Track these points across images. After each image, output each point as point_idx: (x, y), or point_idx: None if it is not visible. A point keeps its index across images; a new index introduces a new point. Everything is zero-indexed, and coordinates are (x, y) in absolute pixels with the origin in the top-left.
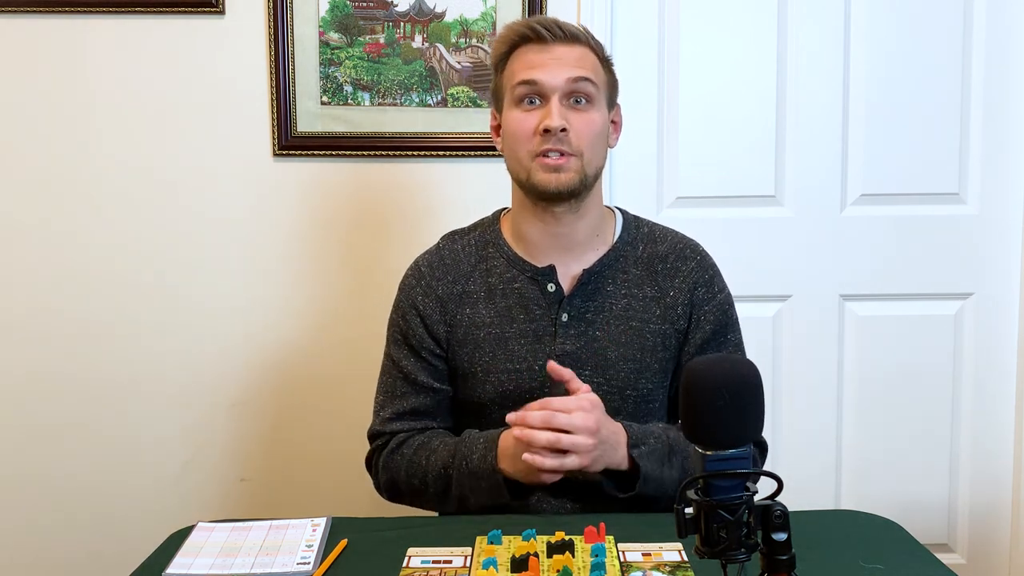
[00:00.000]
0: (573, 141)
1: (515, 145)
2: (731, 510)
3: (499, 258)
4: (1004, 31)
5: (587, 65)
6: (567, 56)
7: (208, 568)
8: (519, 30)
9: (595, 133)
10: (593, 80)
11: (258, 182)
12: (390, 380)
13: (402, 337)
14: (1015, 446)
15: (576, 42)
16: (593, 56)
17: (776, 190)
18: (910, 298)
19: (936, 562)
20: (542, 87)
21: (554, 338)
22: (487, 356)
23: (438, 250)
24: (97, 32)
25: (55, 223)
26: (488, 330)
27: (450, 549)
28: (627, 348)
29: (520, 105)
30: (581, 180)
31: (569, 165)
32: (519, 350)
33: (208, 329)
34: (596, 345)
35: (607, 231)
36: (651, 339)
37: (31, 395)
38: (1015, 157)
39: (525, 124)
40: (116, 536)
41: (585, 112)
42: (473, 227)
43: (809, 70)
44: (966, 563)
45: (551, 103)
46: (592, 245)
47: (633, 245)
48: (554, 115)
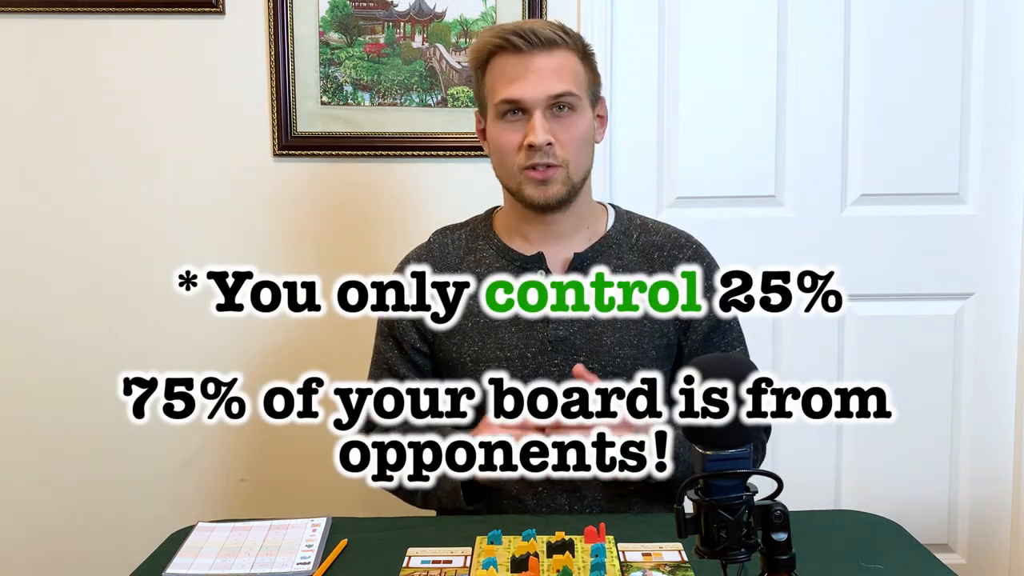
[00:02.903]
0: (558, 152)
1: (502, 158)
2: (731, 510)
3: (488, 249)
4: (1004, 31)
5: (567, 75)
6: (546, 66)
7: (208, 568)
8: (494, 40)
9: (580, 139)
10: (574, 91)
11: (258, 182)
12: (376, 372)
13: (388, 330)
14: (1015, 446)
15: (554, 47)
16: (573, 58)
17: (776, 190)
18: (910, 298)
19: (936, 562)
20: (524, 104)
21: (546, 324)
22: (476, 346)
23: (428, 244)
24: (97, 32)
25: (55, 223)
26: (475, 320)
27: (450, 549)
28: (623, 333)
29: (503, 118)
30: (568, 190)
31: (556, 177)
32: (509, 339)
33: (208, 329)
34: (591, 330)
35: (598, 223)
36: (648, 324)
37: (31, 395)
38: (1015, 157)
39: (510, 139)
40: (116, 536)
41: (568, 119)
42: (465, 223)
43: (809, 70)
44: (966, 563)
45: (534, 117)
46: (582, 234)
47: (627, 234)
48: (538, 131)
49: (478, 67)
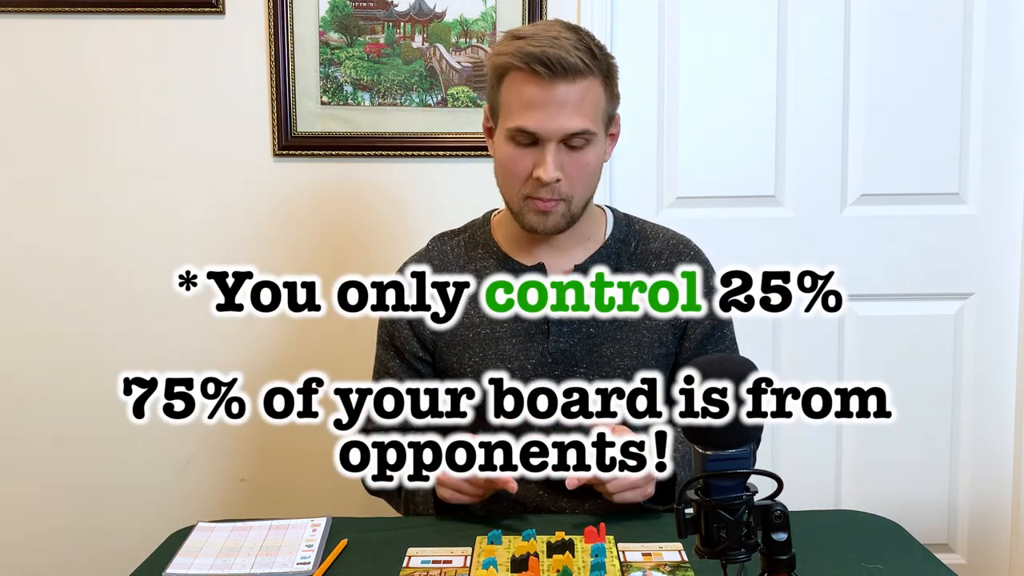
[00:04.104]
0: (564, 188)
1: (506, 179)
2: (731, 510)
3: (488, 258)
4: (1004, 31)
5: (587, 110)
6: (568, 98)
7: (208, 568)
8: (515, 63)
9: (589, 174)
10: (592, 129)
11: (258, 182)
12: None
13: (388, 339)
14: (1015, 446)
15: (577, 76)
16: (597, 86)
17: (776, 190)
18: (910, 298)
19: (936, 562)
20: (538, 136)
21: (547, 336)
22: (477, 356)
23: (426, 251)
24: (97, 32)
25: (54, 223)
26: (477, 330)
27: (450, 549)
28: (623, 344)
29: (514, 141)
30: (567, 222)
31: (558, 209)
32: (510, 349)
33: (208, 329)
34: (591, 342)
35: (598, 230)
36: (648, 334)
37: (31, 395)
38: (1015, 157)
39: (518, 165)
40: (116, 536)
41: (580, 154)
42: (463, 228)
43: (809, 70)
44: (966, 563)
45: (546, 151)
46: (582, 244)
47: (625, 242)
48: (549, 167)
49: (496, 76)
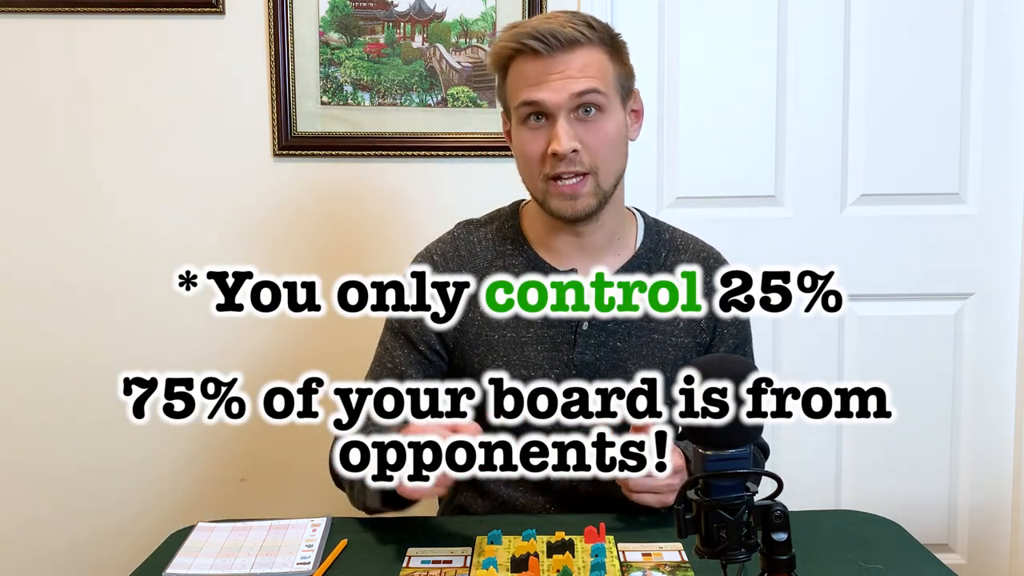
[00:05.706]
0: (586, 159)
1: (526, 166)
2: (731, 510)
3: (519, 256)
4: (1004, 31)
5: (592, 72)
6: (569, 66)
7: (208, 568)
8: (512, 45)
9: (609, 143)
10: (601, 89)
11: (258, 182)
12: (378, 369)
13: (399, 326)
14: (1015, 446)
15: (575, 46)
16: (599, 54)
17: (776, 190)
18: (910, 298)
19: (936, 562)
20: (545, 107)
21: (572, 347)
22: (500, 360)
23: (453, 240)
24: (96, 32)
25: (54, 223)
26: (503, 332)
27: (450, 549)
28: (648, 361)
29: (526, 123)
30: (599, 200)
31: (585, 188)
32: (535, 356)
33: (208, 329)
34: (616, 356)
35: (628, 236)
36: (673, 352)
37: (31, 395)
38: (1015, 157)
39: (533, 146)
40: (116, 536)
41: (596, 123)
42: (490, 219)
43: (809, 70)
44: (966, 563)
45: (557, 123)
46: (613, 250)
47: (656, 252)
48: (562, 138)
49: (498, 70)
